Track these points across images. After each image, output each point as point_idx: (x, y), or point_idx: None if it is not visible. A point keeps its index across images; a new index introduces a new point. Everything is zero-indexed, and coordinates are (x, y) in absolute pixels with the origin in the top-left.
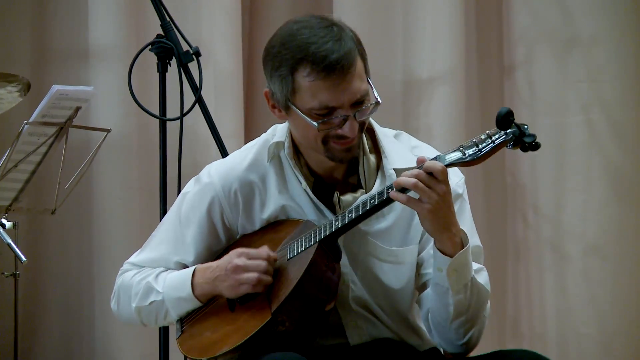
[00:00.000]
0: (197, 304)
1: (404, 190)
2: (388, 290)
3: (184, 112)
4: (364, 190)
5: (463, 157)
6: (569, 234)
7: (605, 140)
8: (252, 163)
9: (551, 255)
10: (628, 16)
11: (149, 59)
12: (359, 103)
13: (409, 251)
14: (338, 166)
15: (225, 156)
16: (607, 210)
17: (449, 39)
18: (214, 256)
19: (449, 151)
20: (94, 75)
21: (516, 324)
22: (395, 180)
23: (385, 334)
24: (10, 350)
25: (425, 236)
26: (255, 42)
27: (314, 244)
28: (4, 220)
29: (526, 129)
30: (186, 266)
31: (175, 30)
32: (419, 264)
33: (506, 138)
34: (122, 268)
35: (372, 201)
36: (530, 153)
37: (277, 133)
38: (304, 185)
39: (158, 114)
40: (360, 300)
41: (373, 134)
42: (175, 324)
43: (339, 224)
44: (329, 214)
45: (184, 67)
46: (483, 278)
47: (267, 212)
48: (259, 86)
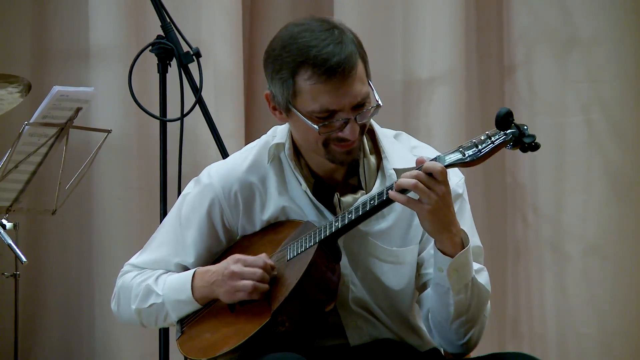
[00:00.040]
0: (197, 307)
1: (403, 191)
2: (388, 291)
3: (184, 113)
4: (364, 192)
5: (463, 158)
6: (569, 234)
7: (605, 140)
8: (252, 164)
9: (551, 255)
10: (628, 16)
11: (149, 60)
12: (360, 106)
13: (409, 251)
14: (338, 168)
15: (225, 156)
16: (607, 210)
17: (449, 39)
18: (214, 257)
19: (449, 152)
20: (94, 76)
21: (516, 324)
22: (395, 182)
23: (385, 335)
24: (10, 350)
25: (426, 236)
26: (256, 42)
27: (314, 244)
28: (4, 221)
29: (526, 130)
30: (186, 268)
31: (175, 31)
32: (419, 264)
33: (506, 139)
34: (123, 269)
35: (372, 202)
36: (530, 153)
37: (278, 134)
38: (304, 186)
39: (158, 114)
40: (360, 302)
41: (373, 135)
42: (175, 325)
43: (338, 224)
44: (329, 215)
45: (184, 68)
46: (483, 278)
47: (267, 214)
48: (259, 86)
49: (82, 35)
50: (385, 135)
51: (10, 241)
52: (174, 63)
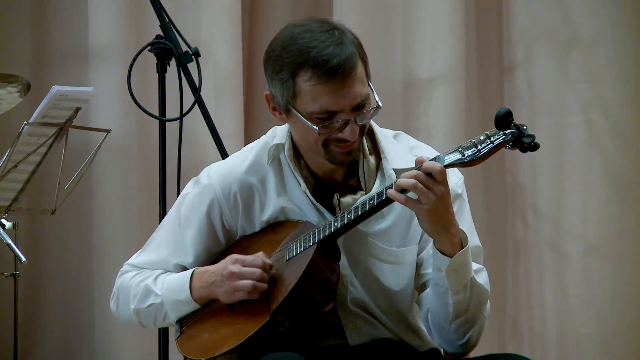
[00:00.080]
0: (196, 307)
1: (403, 191)
2: (388, 291)
3: (184, 113)
4: (363, 192)
5: (462, 158)
6: (569, 234)
7: (605, 140)
8: (252, 165)
9: (551, 255)
10: (628, 16)
11: (149, 60)
12: (360, 107)
13: (409, 251)
14: (338, 168)
15: (224, 156)
16: (607, 210)
17: (449, 39)
18: (213, 258)
19: (448, 152)
20: (94, 76)
21: (516, 324)
22: (395, 182)
23: (385, 335)
24: (10, 350)
25: (425, 236)
26: (255, 42)
27: (313, 244)
28: (3, 221)
29: (525, 130)
30: (185, 268)
31: (174, 31)
32: (418, 264)
33: (505, 138)
34: (122, 269)
35: (372, 202)
36: (530, 153)
37: (277, 135)
38: (304, 187)
39: (157, 114)
40: (359, 302)
41: (373, 135)
42: (174, 325)
43: (338, 224)
44: (328, 216)
45: (183, 68)
46: (483, 278)
47: (267, 214)
48: (259, 86)
49: (82, 35)
50: (384, 135)
51: (9, 241)
52: (173, 63)
